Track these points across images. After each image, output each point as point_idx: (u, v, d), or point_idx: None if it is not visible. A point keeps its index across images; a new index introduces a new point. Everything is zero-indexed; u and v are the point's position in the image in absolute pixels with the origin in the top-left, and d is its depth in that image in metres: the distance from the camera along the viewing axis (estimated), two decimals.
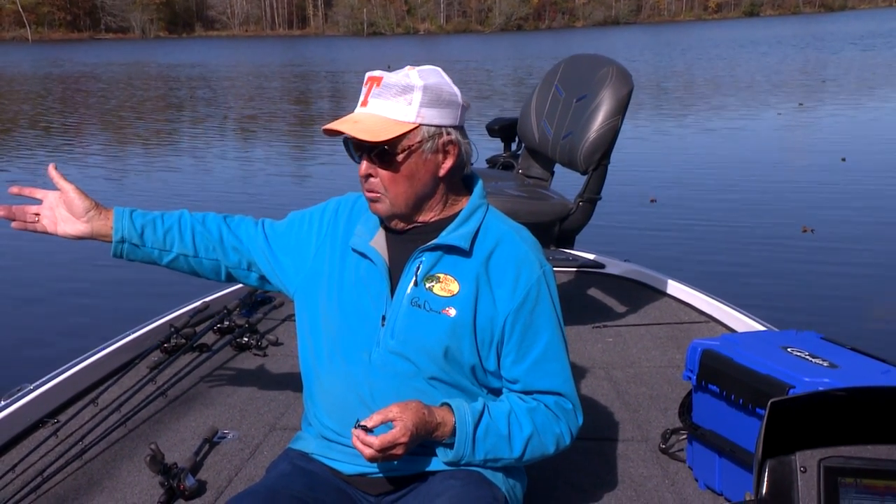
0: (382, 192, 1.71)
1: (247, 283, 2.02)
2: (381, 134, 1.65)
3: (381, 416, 1.60)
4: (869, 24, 63.26)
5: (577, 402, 1.81)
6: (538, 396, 1.77)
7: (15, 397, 2.61)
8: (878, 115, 15.73)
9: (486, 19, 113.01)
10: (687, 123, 15.47)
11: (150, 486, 2.25)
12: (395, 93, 1.66)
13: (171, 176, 11.79)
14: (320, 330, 1.81)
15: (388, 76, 1.68)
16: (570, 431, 1.79)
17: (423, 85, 1.67)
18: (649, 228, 8.03)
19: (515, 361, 1.75)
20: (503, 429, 1.71)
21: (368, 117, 1.67)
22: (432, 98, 1.68)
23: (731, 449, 2.09)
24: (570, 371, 1.81)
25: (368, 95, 1.69)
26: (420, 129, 1.68)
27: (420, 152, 1.69)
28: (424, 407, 1.65)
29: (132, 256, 1.94)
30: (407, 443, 1.59)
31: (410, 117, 1.66)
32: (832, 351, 2.11)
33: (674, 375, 2.99)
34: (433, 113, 1.68)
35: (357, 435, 1.58)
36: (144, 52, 60.67)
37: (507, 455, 1.72)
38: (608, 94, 3.28)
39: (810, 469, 1.18)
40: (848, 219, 8.19)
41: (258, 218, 2.03)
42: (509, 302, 1.73)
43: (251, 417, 2.72)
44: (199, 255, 1.96)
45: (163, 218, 1.96)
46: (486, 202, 1.82)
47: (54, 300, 6.46)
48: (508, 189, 3.44)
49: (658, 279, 3.96)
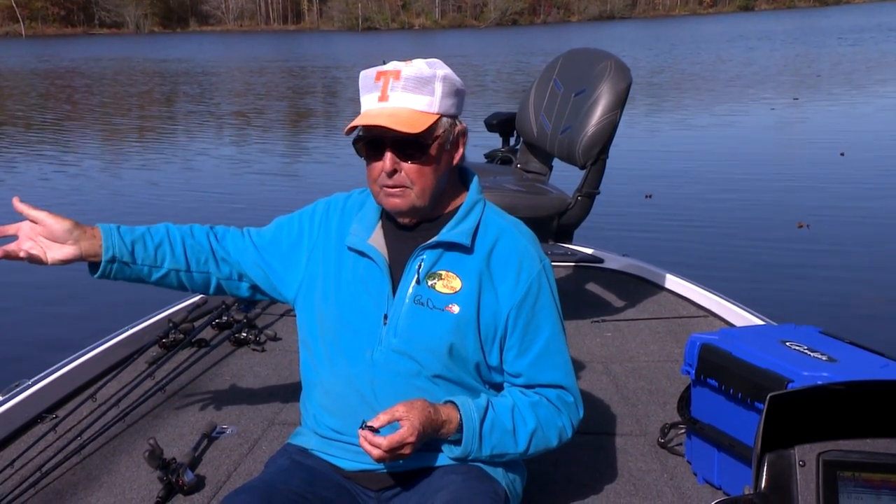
0: (409, 185, 1.68)
1: (237, 294, 1.96)
2: (416, 125, 1.63)
3: (388, 416, 1.59)
4: (871, 18, 63.22)
5: (578, 395, 1.82)
6: (540, 390, 1.78)
7: (13, 392, 2.61)
8: (875, 108, 15.72)
9: (480, 14, 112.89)
10: (682, 118, 15.47)
11: (149, 481, 2.25)
12: (417, 85, 1.65)
13: (156, 175, 11.57)
14: (318, 332, 1.80)
15: (406, 69, 1.66)
16: (571, 424, 1.80)
17: (443, 75, 1.67)
18: (648, 223, 8.02)
19: (518, 356, 1.75)
20: (508, 423, 1.71)
21: (399, 110, 1.65)
22: (449, 88, 1.68)
23: (729, 443, 2.10)
24: (570, 364, 1.82)
25: (387, 90, 1.66)
26: (441, 120, 1.68)
27: (442, 143, 1.69)
28: (430, 405, 1.64)
29: (119, 276, 1.84)
30: (415, 442, 1.58)
31: (434, 108, 1.66)
32: (831, 345, 2.11)
33: (672, 370, 2.99)
34: (449, 103, 1.69)
35: (364, 436, 1.57)
36: (136, 48, 60.40)
37: (513, 449, 1.72)
38: (607, 89, 3.28)
39: (809, 463, 1.18)
40: (847, 213, 8.19)
41: (241, 227, 1.97)
42: (511, 296, 1.73)
43: (250, 412, 2.72)
44: (190, 269, 1.89)
45: (150, 232, 1.88)
46: (482, 197, 1.82)
47: (51, 296, 6.44)
48: (507, 183, 3.43)
49: (656, 274, 3.97)
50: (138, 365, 3.00)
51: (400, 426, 1.59)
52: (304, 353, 1.87)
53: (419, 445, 1.61)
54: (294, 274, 1.87)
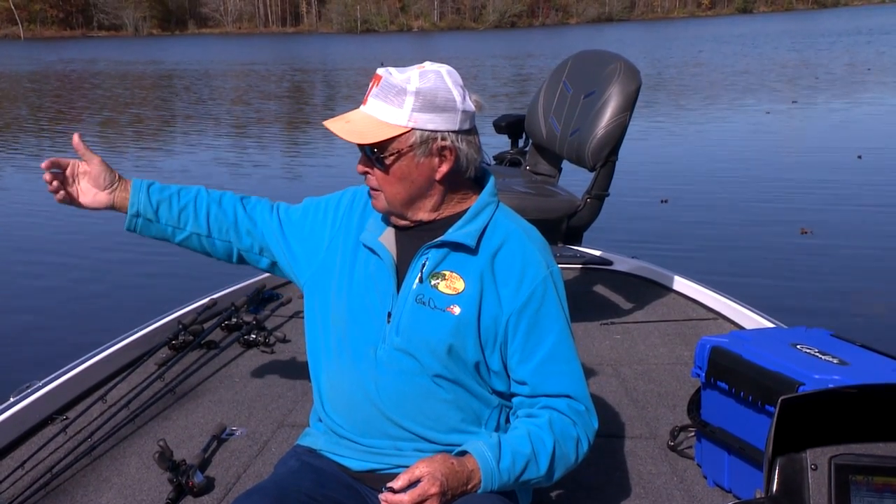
0: (379, 189, 1.72)
1: (258, 266, 2.01)
2: (368, 136, 1.64)
3: (408, 475, 1.56)
4: (871, 20, 62.97)
5: (591, 405, 1.77)
6: (547, 401, 1.74)
7: (24, 394, 2.63)
8: (888, 110, 15.62)
9: (479, 16, 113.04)
10: (694, 120, 15.42)
11: (159, 482, 2.26)
12: (389, 95, 1.65)
13: (156, 175, 11.67)
14: (329, 324, 1.81)
15: (389, 77, 1.66)
16: (586, 436, 1.75)
17: (416, 89, 1.64)
18: (657, 225, 8.00)
19: (521, 362, 1.73)
20: (527, 449, 1.66)
21: (363, 118, 1.67)
22: (425, 103, 1.64)
23: (740, 446, 2.09)
24: (580, 373, 1.77)
25: (369, 94, 1.68)
26: (413, 133, 1.65)
27: (412, 156, 1.67)
28: (451, 457, 1.61)
29: (145, 232, 1.92)
30: (438, 493, 1.54)
31: (402, 121, 1.65)
32: (842, 348, 2.10)
33: (682, 372, 2.98)
34: (426, 118, 1.65)
35: (385, 499, 1.54)
36: (133, 51, 60.48)
37: (536, 474, 1.67)
38: (616, 91, 3.27)
39: (821, 466, 1.17)
40: (860, 216, 8.14)
41: (274, 201, 2.01)
42: (513, 301, 1.71)
43: (259, 414, 2.72)
44: (212, 235, 1.94)
45: (179, 194, 1.94)
46: (496, 200, 1.81)
47: (61, 298, 6.47)
48: (516, 186, 3.43)
49: (666, 276, 3.95)
50: (148, 366, 3.01)
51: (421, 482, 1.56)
52: (312, 343, 1.87)
53: (446, 499, 1.56)
54: (311, 259, 1.88)
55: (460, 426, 1.73)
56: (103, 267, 7.20)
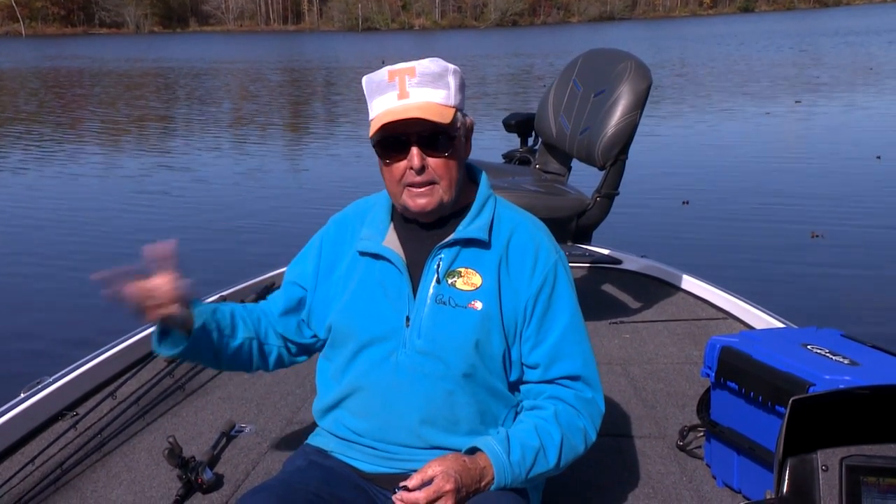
0: (437, 180, 1.68)
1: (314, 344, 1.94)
2: (445, 116, 1.65)
3: (421, 474, 1.56)
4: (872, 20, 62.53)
5: (598, 387, 1.78)
6: (557, 387, 1.74)
7: (35, 390, 2.64)
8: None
9: (481, 15, 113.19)
10: (703, 119, 15.36)
11: (169, 479, 2.27)
12: (433, 79, 1.66)
13: (156, 176, 11.57)
14: (339, 342, 1.79)
15: (419, 66, 1.66)
16: (593, 424, 1.76)
17: (454, 69, 1.69)
18: (667, 225, 7.98)
19: (535, 346, 1.74)
20: (535, 442, 1.67)
21: (425, 104, 1.65)
22: (460, 82, 1.70)
23: (749, 447, 2.08)
24: (591, 354, 1.78)
25: (405, 87, 1.65)
26: (458, 113, 1.70)
27: (461, 137, 1.71)
28: (463, 455, 1.61)
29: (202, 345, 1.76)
30: (453, 489, 1.53)
31: (452, 101, 1.68)
32: (853, 348, 2.09)
33: (691, 372, 2.97)
34: (461, 97, 1.71)
35: (400, 497, 1.54)
36: (135, 48, 60.50)
37: (545, 466, 1.68)
38: (627, 89, 3.26)
39: (832, 468, 1.16)
40: (874, 217, 8.07)
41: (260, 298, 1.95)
42: (528, 288, 1.73)
43: (268, 411, 2.73)
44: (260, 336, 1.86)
45: (219, 308, 1.83)
46: (492, 192, 1.82)
47: (73, 295, 6.50)
48: (525, 184, 3.42)
49: (675, 275, 3.94)
50: (158, 363, 3.02)
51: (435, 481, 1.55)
52: (324, 362, 1.86)
53: (461, 496, 1.55)
54: (311, 307, 1.87)
55: (479, 428, 1.72)
56: (114, 264, 7.21)
